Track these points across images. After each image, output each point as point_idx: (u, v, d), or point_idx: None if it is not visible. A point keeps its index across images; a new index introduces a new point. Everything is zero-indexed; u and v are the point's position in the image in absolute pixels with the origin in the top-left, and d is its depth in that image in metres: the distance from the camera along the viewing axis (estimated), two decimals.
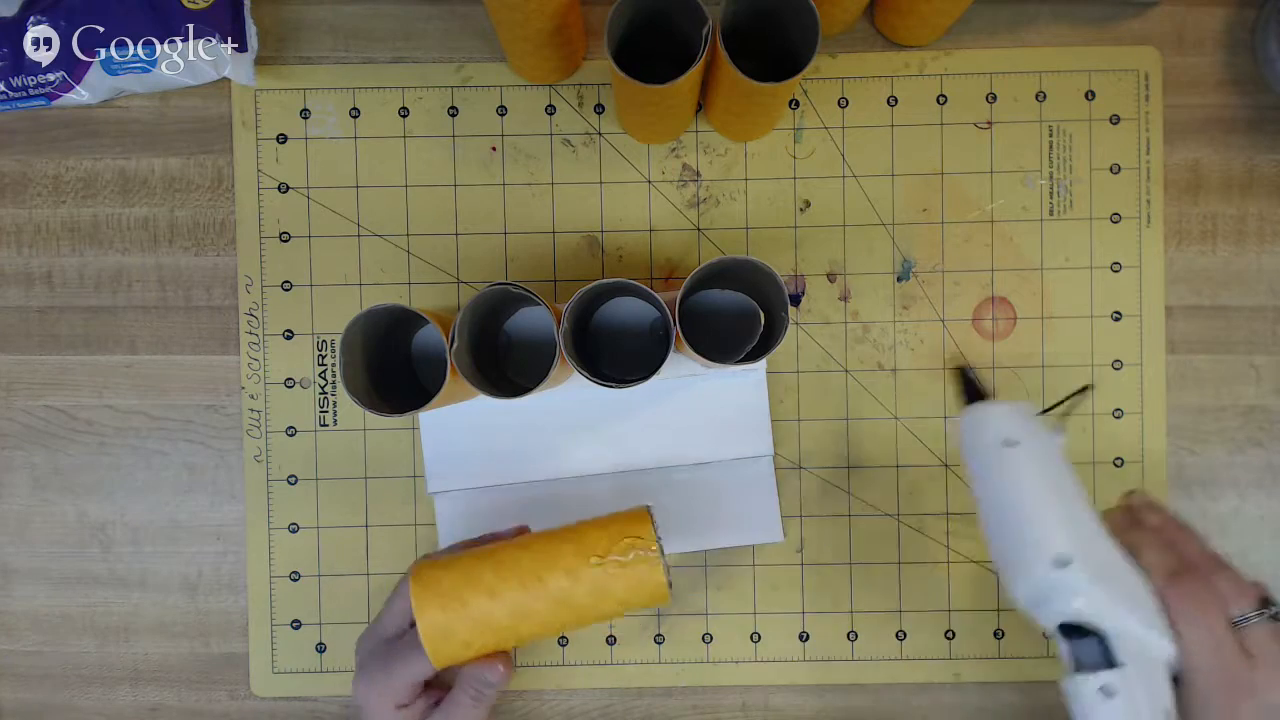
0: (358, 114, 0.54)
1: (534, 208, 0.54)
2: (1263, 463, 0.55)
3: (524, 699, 0.55)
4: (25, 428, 0.55)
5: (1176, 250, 0.54)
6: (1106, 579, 0.41)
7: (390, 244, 0.54)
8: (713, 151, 0.54)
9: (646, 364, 0.46)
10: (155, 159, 0.54)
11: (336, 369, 0.54)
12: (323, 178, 0.54)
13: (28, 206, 0.54)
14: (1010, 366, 0.54)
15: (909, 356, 0.54)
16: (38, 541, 0.55)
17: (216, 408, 0.55)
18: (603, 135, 0.54)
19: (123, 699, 0.55)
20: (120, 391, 0.54)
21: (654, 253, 0.54)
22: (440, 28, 0.54)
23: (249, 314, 0.54)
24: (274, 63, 0.54)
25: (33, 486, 0.55)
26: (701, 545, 0.54)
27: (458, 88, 0.54)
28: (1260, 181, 0.54)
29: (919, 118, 0.54)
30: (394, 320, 0.46)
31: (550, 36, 0.47)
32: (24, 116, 0.54)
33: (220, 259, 0.54)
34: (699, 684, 0.55)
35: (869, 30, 0.54)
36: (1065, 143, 0.54)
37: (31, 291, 0.54)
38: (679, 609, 0.55)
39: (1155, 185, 0.54)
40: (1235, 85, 0.54)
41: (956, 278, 0.54)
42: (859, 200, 0.54)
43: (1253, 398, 0.55)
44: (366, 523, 0.54)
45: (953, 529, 0.54)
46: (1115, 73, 0.54)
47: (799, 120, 0.54)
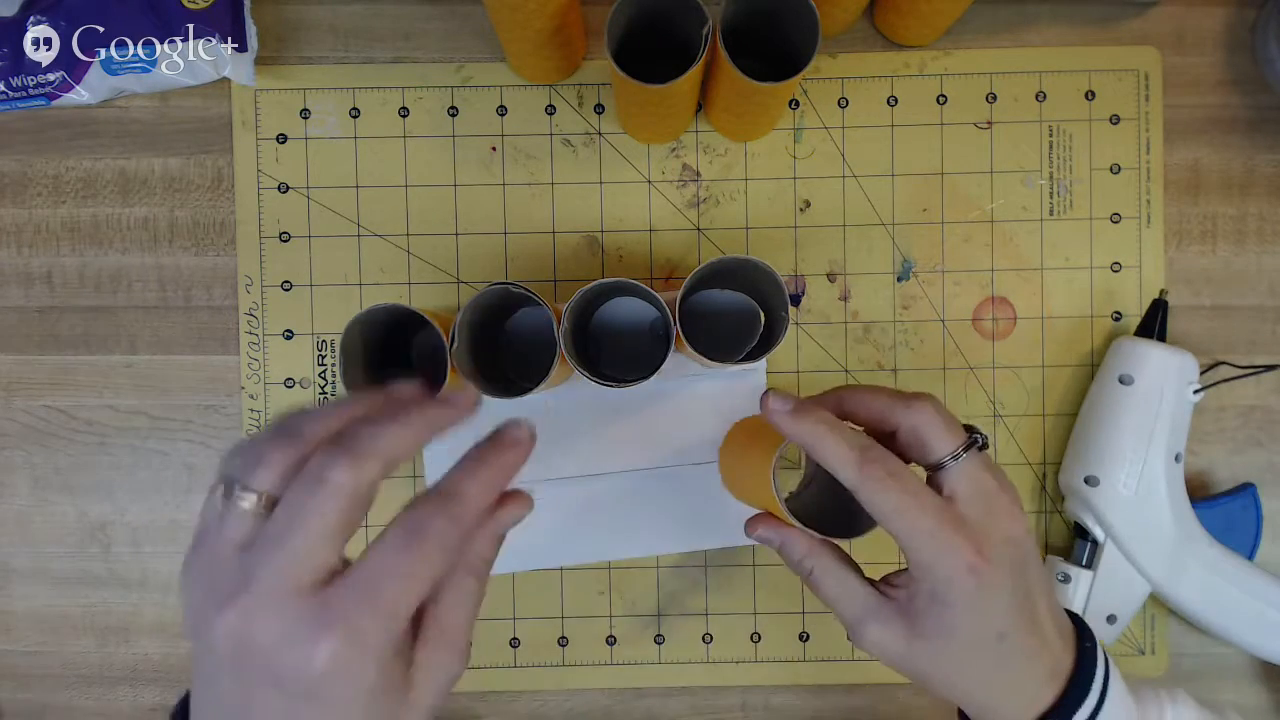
0: (358, 114, 0.54)
1: (534, 208, 0.54)
2: (1263, 463, 0.55)
3: (524, 699, 0.55)
4: (25, 428, 0.55)
5: (1176, 250, 0.54)
6: (1122, 513, 0.49)
7: (390, 244, 0.54)
8: (713, 151, 0.54)
9: (646, 364, 0.46)
10: (155, 159, 0.54)
11: (336, 369, 0.54)
12: (323, 178, 0.54)
13: (28, 206, 0.54)
14: (1010, 366, 0.54)
15: (909, 356, 0.54)
16: (38, 541, 0.55)
17: (216, 408, 0.55)
18: (603, 135, 0.54)
19: (123, 699, 0.55)
20: (120, 391, 0.54)
21: (654, 253, 0.54)
22: (440, 28, 0.54)
23: (249, 314, 0.54)
24: (274, 63, 0.54)
25: (33, 486, 0.55)
26: (702, 545, 0.54)
27: (458, 88, 0.54)
28: (1260, 181, 0.54)
29: (919, 118, 0.54)
30: (394, 320, 0.46)
31: (550, 36, 0.47)
32: (24, 116, 0.54)
33: (220, 259, 0.54)
34: (699, 684, 0.55)
35: (869, 30, 0.54)
36: (1065, 143, 0.54)
37: (31, 291, 0.54)
38: (679, 609, 0.55)
39: (1155, 185, 0.54)
40: (1235, 85, 0.54)
41: (956, 278, 0.54)
42: (859, 200, 0.54)
43: (1253, 398, 0.55)
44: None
45: None
46: (1115, 73, 0.54)
47: (799, 120, 0.54)
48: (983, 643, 0.35)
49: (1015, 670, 0.35)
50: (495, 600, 0.54)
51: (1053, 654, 0.36)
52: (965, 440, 0.36)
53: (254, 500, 0.27)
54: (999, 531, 0.35)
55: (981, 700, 0.36)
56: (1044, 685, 0.35)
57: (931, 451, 0.35)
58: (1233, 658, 0.54)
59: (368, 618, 0.26)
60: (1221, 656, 0.54)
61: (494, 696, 0.55)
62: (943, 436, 0.35)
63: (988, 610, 0.34)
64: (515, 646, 0.55)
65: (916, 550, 0.34)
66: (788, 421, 0.35)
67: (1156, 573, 0.50)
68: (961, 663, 0.35)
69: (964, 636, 0.35)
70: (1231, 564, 0.50)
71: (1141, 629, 0.54)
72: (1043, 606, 0.36)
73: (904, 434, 0.36)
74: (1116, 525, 0.50)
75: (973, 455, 0.35)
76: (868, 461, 0.34)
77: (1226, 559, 0.50)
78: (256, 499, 0.27)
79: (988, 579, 0.34)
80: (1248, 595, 0.50)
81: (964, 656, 0.35)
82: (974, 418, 0.54)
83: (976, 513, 0.35)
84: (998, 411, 0.54)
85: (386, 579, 0.27)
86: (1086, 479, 0.51)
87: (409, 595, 0.27)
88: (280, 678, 0.26)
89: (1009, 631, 0.35)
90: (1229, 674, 0.55)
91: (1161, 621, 0.54)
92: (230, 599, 0.26)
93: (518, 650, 0.55)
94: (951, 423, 0.36)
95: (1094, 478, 0.50)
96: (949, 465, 0.35)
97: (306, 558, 0.26)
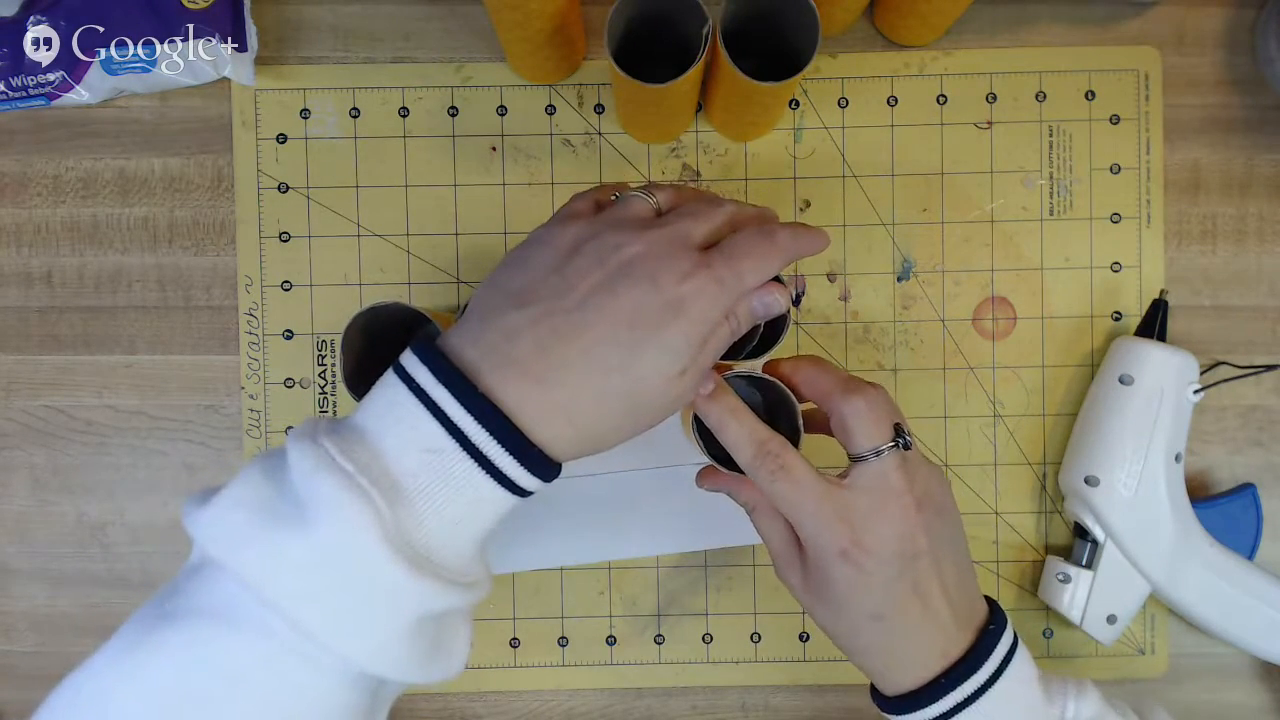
0: (358, 114, 0.54)
1: (534, 208, 0.54)
2: (1263, 463, 0.55)
3: (524, 699, 0.55)
4: (25, 428, 0.55)
5: (1176, 250, 0.54)
6: (1122, 513, 0.49)
7: (390, 244, 0.54)
8: (713, 151, 0.54)
9: None
10: (155, 159, 0.54)
11: (336, 369, 0.54)
12: (323, 178, 0.54)
13: (28, 206, 0.54)
14: (1010, 366, 0.54)
15: (909, 356, 0.54)
16: (38, 541, 0.55)
17: (216, 408, 0.55)
18: (603, 135, 0.54)
19: None
20: (120, 391, 0.54)
21: None
22: (440, 28, 0.54)
23: (249, 314, 0.54)
24: (274, 63, 0.54)
25: (33, 486, 0.55)
26: (701, 545, 0.54)
27: (458, 88, 0.54)
28: (1260, 181, 0.54)
29: (919, 118, 0.54)
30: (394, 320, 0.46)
31: (550, 36, 0.47)
32: (24, 116, 0.54)
33: (220, 259, 0.54)
34: (699, 684, 0.55)
35: (869, 30, 0.54)
36: (1065, 143, 0.54)
37: (31, 291, 0.54)
38: (679, 609, 0.55)
39: (1155, 185, 0.54)
40: (1235, 85, 0.54)
41: (956, 278, 0.54)
42: (859, 200, 0.54)
43: (1253, 398, 0.55)
44: None
45: None
46: (1115, 73, 0.54)
47: (799, 120, 0.54)
48: (861, 619, 0.39)
49: (897, 647, 0.39)
50: (495, 600, 0.54)
51: (946, 636, 0.39)
52: (887, 440, 0.38)
53: (654, 202, 0.37)
54: (885, 526, 0.38)
55: (868, 665, 0.40)
56: (932, 662, 0.39)
57: (853, 444, 0.39)
58: (1233, 658, 0.54)
59: (727, 271, 0.35)
60: (1221, 656, 0.54)
61: (494, 696, 0.55)
62: (867, 432, 0.38)
63: (863, 592, 0.38)
64: (515, 646, 0.55)
65: (800, 527, 0.38)
66: (700, 402, 0.39)
67: (1156, 573, 0.50)
68: (849, 630, 0.39)
69: (848, 611, 0.39)
70: (1231, 564, 0.50)
71: (1141, 629, 0.54)
72: (937, 595, 0.39)
73: (835, 420, 0.39)
74: (1116, 525, 0.50)
75: (890, 455, 0.38)
76: (761, 454, 0.38)
77: (1226, 559, 0.50)
78: (654, 203, 0.37)
79: (863, 566, 0.37)
80: (1248, 595, 0.50)
81: (850, 625, 0.39)
82: (974, 418, 0.54)
83: (867, 505, 0.38)
84: (998, 411, 0.54)
85: (743, 253, 0.35)
86: (1086, 479, 0.51)
87: (755, 274, 0.36)
88: (658, 284, 0.33)
89: (885, 614, 0.38)
90: (1229, 674, 0.55)
91: (1161, 621, 0.55)
92: (636, 234, 0.34)
93: (518, 650, 0.55)
94: (881, 420, 0.38)
95: (1094, 478, 0.50)
96: (868, 459, 0.38)
97: (696, 230, 0.36)
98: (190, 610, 0.31)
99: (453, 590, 0.32)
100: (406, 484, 0.32)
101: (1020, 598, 0.55)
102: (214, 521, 0.31)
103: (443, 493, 0.32)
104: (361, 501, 0.30)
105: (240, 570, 0.30)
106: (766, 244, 0.36)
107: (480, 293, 0.36)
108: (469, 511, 0.33)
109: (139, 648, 0.31)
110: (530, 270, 0.35)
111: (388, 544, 0.30)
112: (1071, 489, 0.52)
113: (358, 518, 0.30)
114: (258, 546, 0.31)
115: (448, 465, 0.32)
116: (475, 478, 0.32)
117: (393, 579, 0.31)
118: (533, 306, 0.34)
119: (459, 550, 0.33)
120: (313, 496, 0.31)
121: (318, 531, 0.30)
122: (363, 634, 0.31)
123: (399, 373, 0.33)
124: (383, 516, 0.31)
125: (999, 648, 0.39)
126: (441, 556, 0.32)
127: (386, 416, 0.33)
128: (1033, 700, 0.40)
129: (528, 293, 0.34)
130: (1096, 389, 0.52)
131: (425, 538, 0.32)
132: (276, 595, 0.30)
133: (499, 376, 0.33)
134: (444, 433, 0.32)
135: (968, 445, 0.54)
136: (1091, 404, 0.52)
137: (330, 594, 0.30)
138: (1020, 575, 0.55)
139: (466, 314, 0.36)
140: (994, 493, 0.54)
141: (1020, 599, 0.55)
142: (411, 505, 0.32)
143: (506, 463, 0.32)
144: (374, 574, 0.30)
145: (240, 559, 0.30)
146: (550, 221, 0.38)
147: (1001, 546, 0.55)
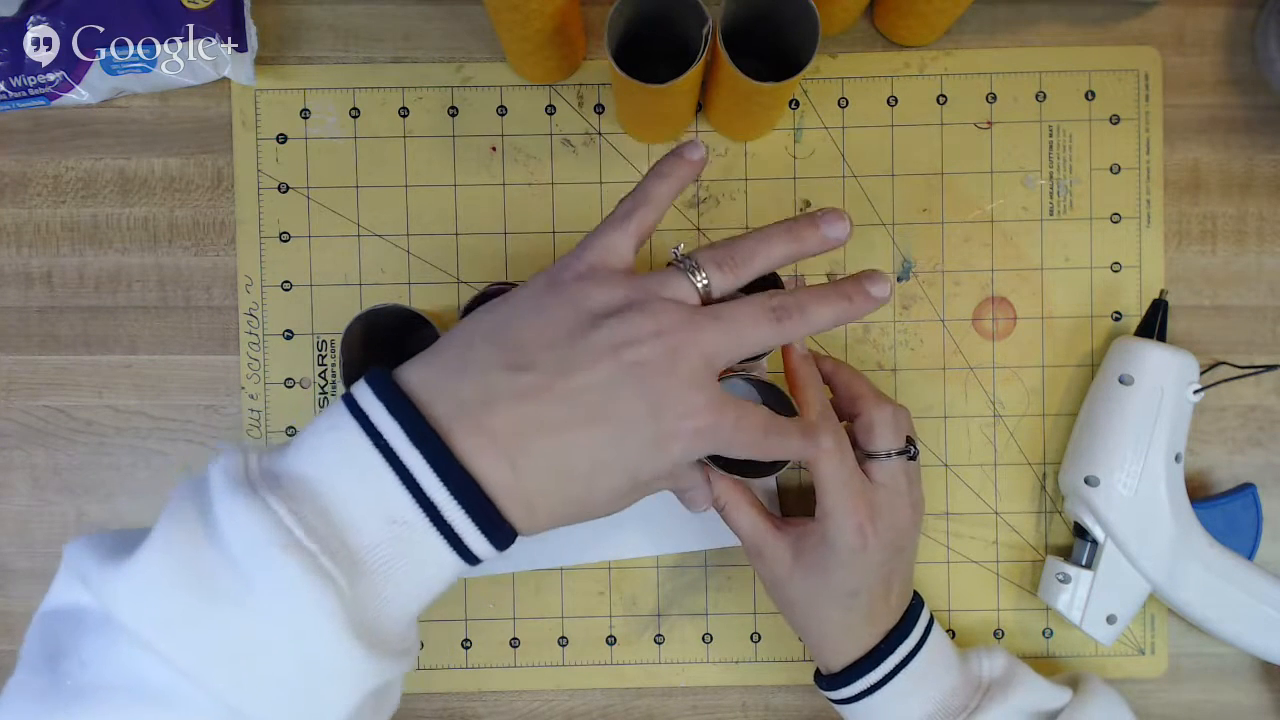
0: (358, 114, 0.54)
1: (534, 208, 0.54)
2: (1263, 463, 0.55)
3: (524, 699, 0.55)
4: (25, 428, 0.55)
5: (1176, 250, 0.54)
6: (1122, 513, 0.50)
7: (390, 244, 0.54)
8: (713, 151, 0.54)
9: None
10: (155, 159, 0.54)
11: (336, 369, 0.54)
12: (323, 178, 0.54)
13: (28, 206, 0.54)
14: (1010, 366, 0.54)
15: (909, 356, 0.54)
16: (38, 541, 0.55)
17: (216, 408, 0.55)
18: (603, 135, 0.54)
19: None
20: (120, 391, 0.54)
21: (654, 253, 0.54)
22: (440, 28, 0.54)
23: (249, 314, 0.54)
24: (274, 63, 0.54)
25: (33, 486, 0.55)
26: (702, 545, 0.54)
27: (458, 88, 0.54)
28: (1260, 181, 0.54)
29: (919, 118, 0.54)
30: (394, 320, 0.46)
31: (550, 36, 0.47)
32: (24, 116, 0.54)
33: (220, 259, 0.54)
34: (699, 684, 0.55)
35: (869, 30, 0.54)
36: (1065, 143, 0.54)
37: (31, 291, 0.54)
38: (679, 609, 0.55)
39: (1155, 185, 0.54)
40: (1235, 85, 0.54)
41: (956, 278, 0.54)
42: (859, 200, 0.54)
43: (1253, 398, 0.55)
44: None
45: (953, 529, 0.54)
46: (1115, 73, 0.54)
47: (799, 120, 0.54)
48: (839, 594, 0.44)
49: (855, 624, 0.44)
50: (495, 600, 0.54)
51: (889, 619, 0.45)
52: (902, 446, 0.45)
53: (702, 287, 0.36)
54: (892, 516, 0.44)
55: (826, 639, 0.45)
56: (874, 639, 0.45)
57: (873, 443, 0.45)
58: (1233, 658, 0.54)
59: (731, 435, 0.34)
60: (1221, 656, 0.54)
61: (494, 696, 0.55)
62: (887, 436, 0.45)
63: (857, 567, 0.43)
64: (515, 646, 0.55)
65: (828, 495, 0.43)
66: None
67: (1156, 573, 0.50)
68: (822, 600, 0.44)
69: (833, 580, 0.43)
70: (1231, 564, 0.50)
71: (1141, 629, 0.55)
72: (897, 584, 0.45)
73: (862, 421, 0.46)
74: (1116, 525, 0.50)
75: (901, 460, 0.45)
76: (824, 432, 0.41)
77: (1226, 559, 0.50)
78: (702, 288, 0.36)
79: (869, 543, 0.43)
80: (1248, 595, 0.50)
81: (825, 596, 0.44)
82: (974, 418, 0.54)
83: (881, 497, 0.44)
84: (998, 411, 0.54)
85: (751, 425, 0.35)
86: (1086, 479, 0.51)
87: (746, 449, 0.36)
88: (660, 413, 0.32)
89: (862, 591, 0.44)
90: (1229, 674, 0.55)
91: (1161, 621, 0.55)
92: (662, 335, 0.32)
93: (518, 650, 0.55)
94: (900, 430, 0.46)
95: (1094, 478, 0.50)
96: (881, 458, 0.45)
97: (727, 353, 0.34)
98: (104, 686, 0.27)
99: (402, 660, 0.30)
100: (366, 558, 0.29)
101: (1020, 598, 0.55)
102: (140, 594, 0.27)
103: (403, 566, 0.29)
104: (324, 585, 0.27)
105: (171, 653, 0.27)
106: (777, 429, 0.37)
107: (476, 321, 0.33)
108: (426, 583, 0.31)
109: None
110: (539, 327, 0.32)
111: (350, 629, 0.28)
112: (1071, 489, 0.52)
113: (321, 603, 0.27)
114: (194, 629, 0.27)
115: (413, 538, 0.29)
116: (439, 550, 0.30)
117: (349, 663, 0.28)
118: (524, 375, 0.31)
119: (408, 620, 0.31)
120: (263, 574, 0.27)
121: (269, 613, 0.27)
122: (312, 718, 0.29)
123: (355, 413, 0.30)
124: (345, 600, 0.28)
125: (921, 618, 0.46)
126: (390, 629, 0.30)
127: (344, 471, 0.29)
128: (951, 660, 0.46)
129: (525, 354, 0.32)
130: (1096, 389, 0.52)
131: (379, 612, 0.29)
132: (215, 681, 0.27)
133: (472, 444, 0.30)
134: (414, 504, 0.29)
135: (968, 445, 0.54)
136: (1091, 404, 0.52)
137: (278, 683, 0.28)
138: (1020, 575, 0.55)
139: (449, 340, 0.33)
140: (994, 493, 0.54)
141: (1020, 599, 0.55)
142: (371, 581, 0.29)
143: (473, 537, 0.30)
144: (330, 658, 0.28)
145: (173, 640, 0.27)
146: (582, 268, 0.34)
147: (1001, 546, 0.55)
